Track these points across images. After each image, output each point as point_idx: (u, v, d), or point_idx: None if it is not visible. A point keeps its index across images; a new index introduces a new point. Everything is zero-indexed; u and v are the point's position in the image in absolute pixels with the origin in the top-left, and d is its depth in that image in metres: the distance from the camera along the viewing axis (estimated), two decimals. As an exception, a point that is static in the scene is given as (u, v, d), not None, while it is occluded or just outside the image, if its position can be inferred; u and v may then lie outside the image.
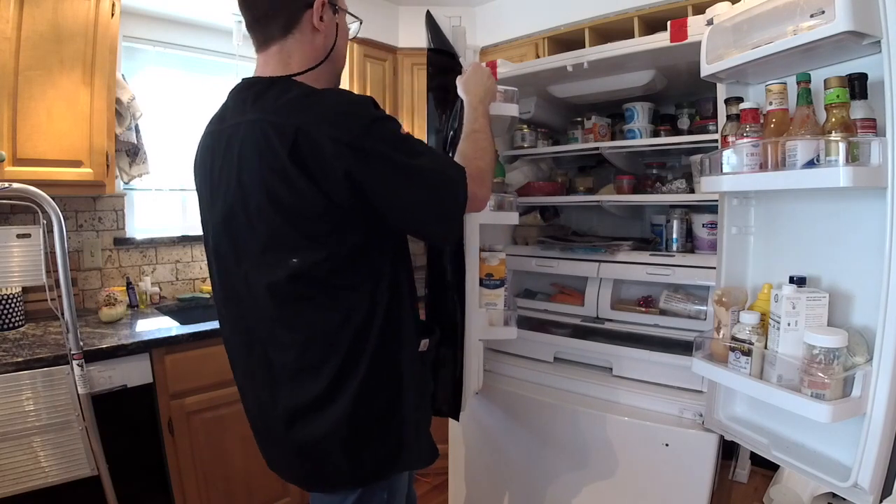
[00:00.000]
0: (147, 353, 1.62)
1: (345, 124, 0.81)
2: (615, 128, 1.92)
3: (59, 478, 1.43)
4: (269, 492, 1.93)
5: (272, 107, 0.84)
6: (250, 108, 0.87)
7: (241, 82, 0.96)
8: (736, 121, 1.16)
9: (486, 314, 1.38)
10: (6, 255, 1.50)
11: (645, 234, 1.97)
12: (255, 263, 0.89)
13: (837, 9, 0.88)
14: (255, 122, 0.84)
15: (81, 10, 1.70)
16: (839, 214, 1.08)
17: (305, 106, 0.82)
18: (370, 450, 0.93)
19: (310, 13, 0.92)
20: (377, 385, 0.92)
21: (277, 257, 0.86)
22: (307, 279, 0.86)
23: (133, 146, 2.03)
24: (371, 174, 0.82)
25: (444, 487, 1.99)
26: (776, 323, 1.04)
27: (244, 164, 0.86)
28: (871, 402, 0.93)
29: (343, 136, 0.79)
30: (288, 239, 0.85)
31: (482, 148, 1.05)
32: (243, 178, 0.86)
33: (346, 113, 0.83)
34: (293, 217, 0.84)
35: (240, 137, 0.87)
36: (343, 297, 0.88)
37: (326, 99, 0.85)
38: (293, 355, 0.90)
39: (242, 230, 0.89)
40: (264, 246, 0.87)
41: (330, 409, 0.89)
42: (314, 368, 0.89)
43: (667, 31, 1.39)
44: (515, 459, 1.66)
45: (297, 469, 0.97)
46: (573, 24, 2.20)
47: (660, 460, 1.38)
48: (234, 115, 0.91)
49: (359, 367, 0.89)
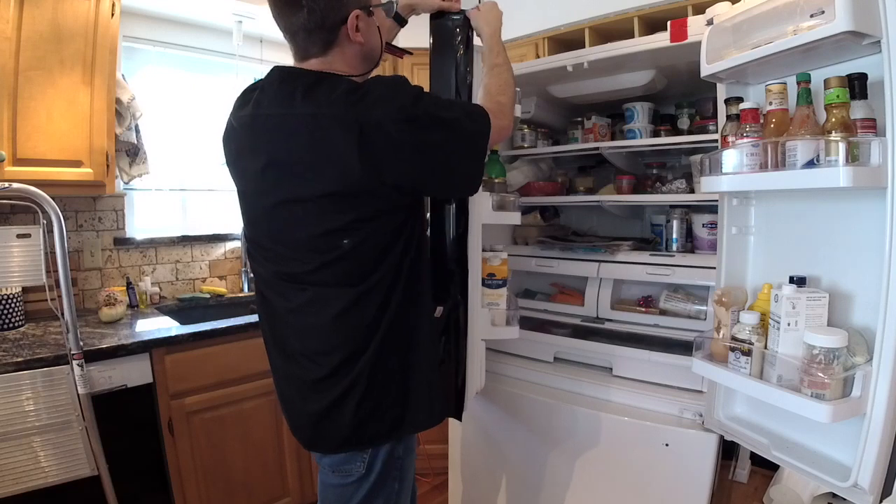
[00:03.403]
0: (147, 353, 1.62)
1: (398, 102, 0.88)
2: (615, 128, 1.92)
3: (59, 478, 1.43)
4: (269, 492, 1.93)
5: (326, 101, 0.88)
6: (300, 102, 0.89)
7: (282, 72, 0.97)
8: (736, 121, 1.16)
9: (489, 314, 1.38)
10: (6, 255, 1.50)
11: (645, 234, 1.97)
12: (301, 248, 0.95)
13: (837, 9, 0.88)
14: (312, 115, 0.88)
15: (81, 10, 1.70)
16: (839, 214, 1.07)
17: (359, 98, 0.88)
18: (385, 410, 0.98)
19: (345, 28, 0.94)
20: (393, 349, 0.97)
21: (327, 242, 0.91)
22: (349, 258, 0.92)
23: (133, 146, 2.03)
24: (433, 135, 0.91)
25: (444, 487, 1.99)
26: (776, 323, 1.04)
27: (296, 156, 0.90)
28: (871, 402, 0.93)
29: (402, 113, 0.87)
30: (339, 224, 0.90)
31: (505, 81, 1.12)
32: (295, 168, 0.91)
33: (395, 93, 0.89)
34: (352, 204, 0.89)
35: (290, 129, 0.90)
36: (373, 272, 0.94)
37: (374, 89, 0.90)
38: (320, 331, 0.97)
39: (294, 217, 0.93)
40: (313, 232, 0.92)
41: (348, 373, 0.95)
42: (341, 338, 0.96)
43: (667, 31, 1.39)
44: (515, 459, 1.66)
45: (314, 432, 1.01)
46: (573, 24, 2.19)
47: (660, 460, 1.38)
48: (276, 106, 0.93)
49: (378, 334, 0.95)
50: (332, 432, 0.98)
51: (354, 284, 0.93)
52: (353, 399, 0.95)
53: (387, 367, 0.97)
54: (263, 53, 2.54)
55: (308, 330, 0.98)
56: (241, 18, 2.26)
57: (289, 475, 1.97)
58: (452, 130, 0.94)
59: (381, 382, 0.97)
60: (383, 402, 0.98)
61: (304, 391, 1.01)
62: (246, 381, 1.83)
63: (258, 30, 2.38)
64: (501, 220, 1.44)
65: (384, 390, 0.97)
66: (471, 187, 1.05)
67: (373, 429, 0.97)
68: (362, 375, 0.95)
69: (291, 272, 0.98)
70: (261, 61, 2.53)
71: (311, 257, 0.94)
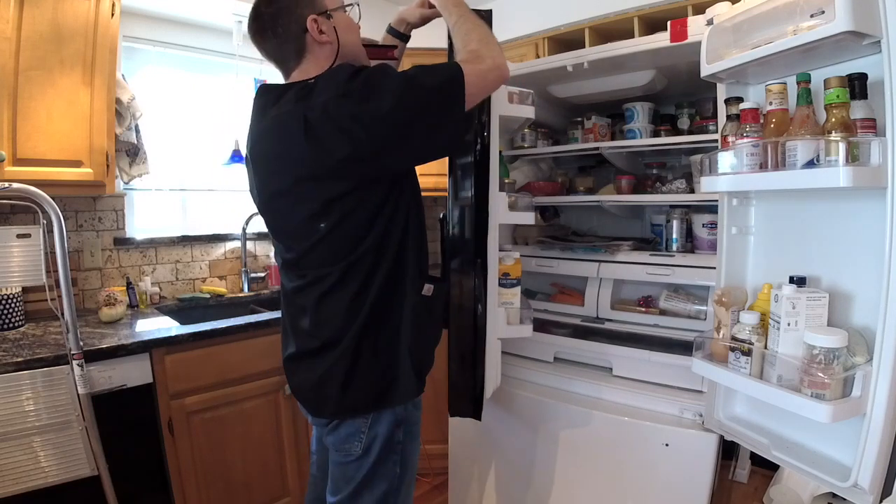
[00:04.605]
0: (147, 353, 1.62)
1: (334, 83, 0.95)
2: (615, 128, 1.92)
3: (59, 478, 1.43)
4: (269, 492, 1.93)
5: (286, 102, 1.00)
6: (271, 108, 1.02)
7: (262, 88, 1.10)
8: (736, 121, 1.16)
9: (504, 313, 1.39)
10: (6, 255, 1.50)
11: (645, 234, 1.97)
12: (290, 236, 1.07)
13: (837, 9, 0.88)
14: (276, 117, 1.00)
15: (81, 10, 1.70)
16: (839, 214, 1.08)
17: (307, 92, 0.98)
18: (369, 382, 1.05)
19: (308, 35, 1.03)
20: (377, 326, 1.04)
21: (307, 227, 1.00)
22: (328, 241, 1.00)
23: (133, 146, 2.03)
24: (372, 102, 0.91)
25: (444, 487, 1.99)
26: (776, 323, 1.04)
27: (269, 155, 1.03)
28: (871, 402, 0.93)
29: (338, 91, 0.94)
30: (313, 209, 0.98)
31: (468, 30, 1.08)
32: (271, 165, 1.03)
33: (333, 76, 0.98)
34: (317, 188, 0.97)
35: (263, 133, 1.04)
36: (352, 252, 1.00)
37: (320, 82, 0.99)
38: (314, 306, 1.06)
39: (281, 207, 1.05)
40: (295, 220, 1.02)
41: (335, 347, 1.03)
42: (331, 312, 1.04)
43: (667, 31, 1.39)
44: (515, 459, 1.66)
45: (315, 397, 1.10)
46: (573, 24, 2.20)
47: (660, 460, 1.38)
48: (256, 115, 1.08)
49: (362, 311, 1.02)
50: (325, 400, 1.07)
51: (336, 264, 1.01)
52: (340, 370, 1.03)
53: (371, 343, 1.04)
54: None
55: (305, 309, 1.07)
56: (241, 18, 2.26)
57: (289, 475, 1.97)
58: (402, 89, 0.92)
59: (365, 356, 1.03)
60: (368, 376, 1.04)
61: (305, 362, 1.10)
62: (246, 381, 1.83)
63: (258, 30, 2.38)
64: (516, 220, 1.45)
65: (368, 364, 1.04)
66: (449, 142, 1.04)
67: (359, 399, 1.05)
68: (348, 350, 1.02)
69: (288, 258, 1.09)
70: (261, 61, 2.49)
71: (298, 243, 1.05)
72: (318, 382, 1.06)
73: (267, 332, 1.87)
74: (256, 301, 2.34)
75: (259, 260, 2.55)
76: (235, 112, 2.36)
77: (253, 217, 2.40)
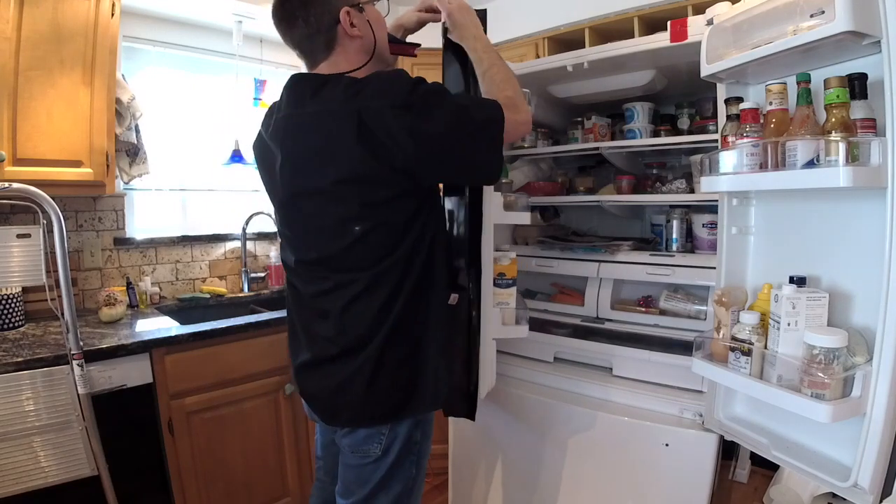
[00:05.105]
0: (147, 353, 1.62)
1: (394, 91, 0.92)
2: (615, 128, 1.92)
3: (59, 478, 1.43)
4: (269, 492, 1.93)
5: (330, 98, 0.95)
6: (309, 102, 0.98)
7: (295, 78, 1.05)
8: (736, 121, 1.16)
9: (500, 313, 1.39)
10: (6, 255, 1.50)
11: (645, 234, 1.97)
12: (317, 237, 1.02)
13: (837, 9, 0.88)
14: (318, 112, 0.96)
15: (81, 10, 1.70)
16: (839, 214, 1.07)
17: (357, 91, 0.94)
18: (391, 392, 1.02)
19: (340, 27, 1.01)
20: (402, 335, 1.01)
21: (340, 229, 0.98)
22: (361, 245, 0.97)
23: (133, 146, 2.03)
24: (429, 122, 0.92)
25: (445, 487, 1.99)
26: (776, 323, 1.04)
27: (306, 151, 0.98)
28: (871, 402, 0.93)
29: (397, 101, 0.91)
30: (349, 212, 0.96)
31: (502, 79, 1.10)
32: (307, 162, 0.98)
33: (392, 83, 0.94)
34: (359, 191, 0.95)
35: (300, 127, 0.99)
36: (384, 259, 0.98)
37: (372, 81, 0.95)
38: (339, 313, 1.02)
39: (311, 205, 1.01)
40: (327, 221, 0.99)
41: (357, 355, 1.00)
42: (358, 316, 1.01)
43: (667, 31, 1.39)
44: (515, 459, 1.66)
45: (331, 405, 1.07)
46: (573, 24, 2.20)
47: (660, 460, 1.38)
48: (289, 107, 1.02)
49: (388, 319, 0.99)
50: (343, 408, 1.04)
51: (365, 270, 0.98)
52: (362, 379, 1.00)
53: (395, 352, 1.01)
54: (263, 53, 2.54)
55: (325, 314, 1.03)
56: (241, 18, 2.26)
57: (289, 475, 1.97)
58: (456, 117, 0.95)
59: (388, 366, 1.00)
60: (389, 385, 1.01)
61: (323, 369, 1.06)
62: (246, 381, 1.83)
63: (258, 30, 2.38)
64: (511, 220, 1.44)
65: (391, 374, 1.01)
66: (485, 175, 1.06)
67: (377, 409, 1.02)
68: (370, 358, 0.99)
69: (309, 259, 1.05)
70: (261, 61, 2.53)
71: (326, 245, 1.00)
72: (335, 390, 1.03)
73: (267, 332, 1.87)
74: (256, 301, 2.34)
75: (259, 260, 2.55)
76: (235, 112, 2.36)
77: (253, 217, 2.40)
